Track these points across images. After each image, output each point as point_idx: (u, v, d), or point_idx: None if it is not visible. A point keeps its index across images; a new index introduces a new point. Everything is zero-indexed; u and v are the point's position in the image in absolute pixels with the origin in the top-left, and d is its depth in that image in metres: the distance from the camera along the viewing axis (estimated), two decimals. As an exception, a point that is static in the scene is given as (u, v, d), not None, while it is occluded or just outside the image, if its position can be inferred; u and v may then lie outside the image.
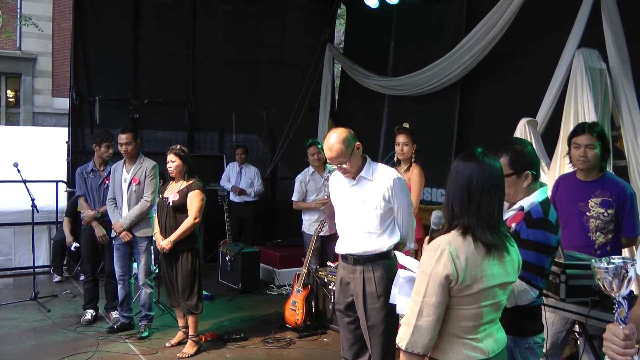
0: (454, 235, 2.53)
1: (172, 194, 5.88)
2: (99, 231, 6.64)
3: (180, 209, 5.83)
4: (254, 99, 10.80)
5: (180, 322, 6.13)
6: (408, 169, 5.91)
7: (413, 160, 5.97)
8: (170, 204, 5.83)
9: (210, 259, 9.45)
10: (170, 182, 6.04)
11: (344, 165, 4.12)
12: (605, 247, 4.23)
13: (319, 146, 7.37)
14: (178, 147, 5.96)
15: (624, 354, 2.05)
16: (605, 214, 4.19)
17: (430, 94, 8.46)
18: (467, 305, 2.52)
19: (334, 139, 4.08)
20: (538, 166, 3.23)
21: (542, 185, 3.23)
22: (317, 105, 10.77)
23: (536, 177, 3.18)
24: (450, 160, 8.20)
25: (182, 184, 5.90)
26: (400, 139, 5.95)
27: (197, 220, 5.85)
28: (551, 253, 3.04)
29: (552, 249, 3.04)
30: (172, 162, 5.88)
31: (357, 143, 4.17)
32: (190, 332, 5.94)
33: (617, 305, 2.09)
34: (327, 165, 7.50)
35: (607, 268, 2.10)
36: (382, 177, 4.19)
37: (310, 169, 7.40)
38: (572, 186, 4.42)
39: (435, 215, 2.97)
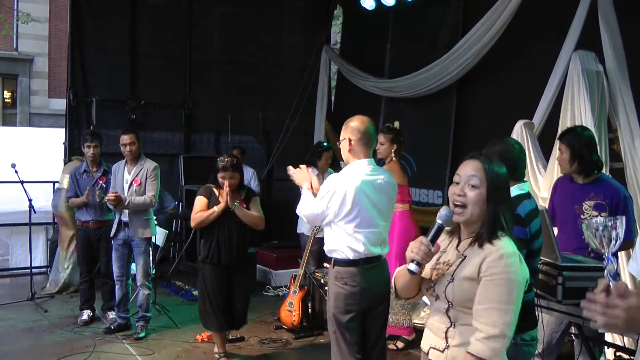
0: (508, 239, 2.50)
1: (235, 202, 5.48)
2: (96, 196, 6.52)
3: None
4: (250, 100, 10.82)
5: (220, 348, 5.71)
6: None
7: (392, 159, 5.99)
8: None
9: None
10: (217, 190, 5.53)
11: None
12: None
13: (331, 152, 7.48)
14: (233, 161, 5.52)
15: (604, 314, 1.90)
16: (599, 216, 4.21)
17: (426, 96, 8.46)
18: None
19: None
20: (511, 165, 3.18)
21: (523, 182, 3.27)
22: (313, 106, 10.78)
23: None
24: (446, 162, 8.23)
25: (239, 193, 5.60)
26: (379, 138, 5.84)
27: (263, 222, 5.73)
28: (524, 245, 3.03)
29: (523, 241, 3.04)
30: (233, 179, 5.46)
31: None
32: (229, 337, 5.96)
33: (606, 262, 2.10)
34: (330, 169, 7.52)
35: (596, 221, 2.15)
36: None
37: (315, 171, 7.41)
38: (568, 189, 4.46)
39: (448, 210, 2.57)
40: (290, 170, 4.38)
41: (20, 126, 21.01)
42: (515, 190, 3.16)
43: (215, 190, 5.54)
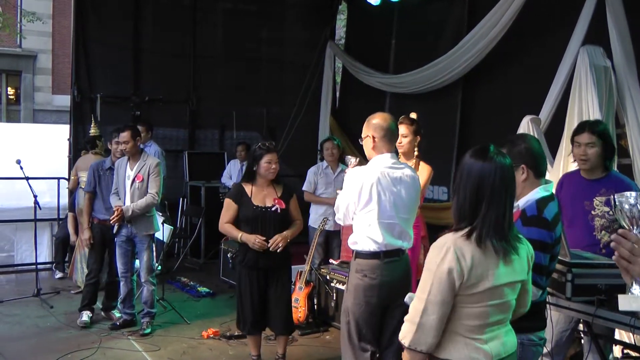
0: (459, 235, 2.50)
1: (273, 201, 5.17)
2: (87, 233, 6.53)
3: (284, 216, 5.23)
4: (254, 96, 10.84)
5: (255, 351, 5.41)
6: (416, 168, 5.34)
7: (417, 155, 5.49)
8: (279, 212, 5.15)
9: (211, 256, 9.44)
10: (250, 186, 5.22)
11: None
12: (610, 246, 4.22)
13: (336, 142, 7.48)
14: (273, 143, 5.30)
15: (629, 258, 1.93)
16: (611, 212, 4.17)
17: (432, 92, 8.43)
18: (472, 304, 2.49)
19: None
20: (539, 162, 3.21)
21: (547, 182, 3.23)
22: (318, 102, 10.76)
23: (537, 173, 3.17)
24: (452, 158, 8.20)
25: (275, 189, 5.25)
26: (399, 130, 5.25)
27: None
28: (548, 250, 3.03)
29: (548, 246, 3.02)
30: (277, 164, 5.17)
31: None
32: (281, 352, 5.44)
33: None
34: (342, 165, 7.52)
35: (629, 195, 2.09)
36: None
37: (324, 164, 7.48)
38: (577, 185, 4.39)
39: (410, 297, 2.75)
40: None
41: (24, 122, 21.00)
42: (540, 192, 3.11)
43: (245, 187, 5.20)
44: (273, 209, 5.11)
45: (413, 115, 5.66)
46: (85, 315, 6.56)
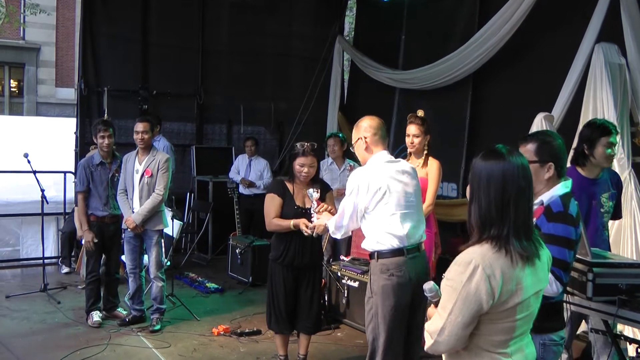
0: (486, 249, 2.33)
1: (313, 203, 4.77)
2: (88, 235, 6.34)
3: None
4: (262, 91, 10.83)
5: (282, 351, 5.26)
6: (425, 164, 5.47)
7: (426, 152, 5.51)
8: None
9: (219, 252, 9.42)
10: (291, 185, 5.02)
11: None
12: (609, 239, 4.37)
13: (340, 137, 7.50)
14: (314, 145, 5.02)
15: None
16: (612, 206, 4.29)
17: (441, 88, 8.39)
18: (500, 320, 2.36)
19: None
20: (564, 163, 3.20)
21: (566, 178, 3.20)
22: (326, 97, 10.73)
23: (560, 173, 3.15)
24: (461, 155, 8.16)
25: (314, 188, 4.82)
26: (410, 130, 5.46)
27: None
28: (572, 246, 3.00)
29: (573, 242, 3.00)
30: (312, 167, 4.95)
31: None
32: (303, 352, 5.26)
33: None
34: (348, 160, 7.54)
35: None
36: None
37: (329, 160, 7.49)
38: (580, 184, 4.31)
39: (429, 288, 2.52)
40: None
41: (27, 115, 20.96)
42: (562, 188, 3.10)
43: (288, 184, 5.02)
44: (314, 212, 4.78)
45: (420, 113, 5.63)
46: (96, 316, 6.42)
